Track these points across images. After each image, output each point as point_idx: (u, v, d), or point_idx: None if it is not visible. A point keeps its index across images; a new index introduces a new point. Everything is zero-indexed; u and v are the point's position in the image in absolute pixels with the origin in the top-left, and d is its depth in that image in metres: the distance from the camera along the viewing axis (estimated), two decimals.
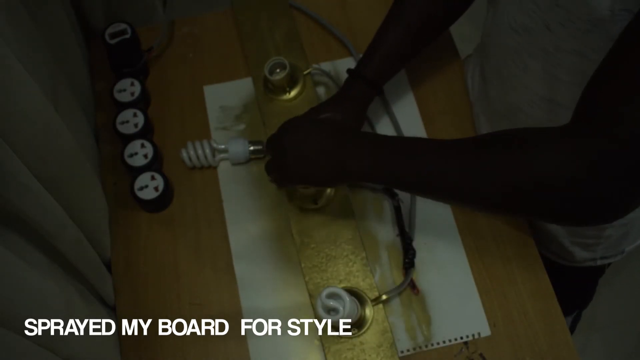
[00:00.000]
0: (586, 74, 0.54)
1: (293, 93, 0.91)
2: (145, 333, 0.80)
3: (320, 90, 0.94)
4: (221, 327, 0.80)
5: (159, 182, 0.84)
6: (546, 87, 0.67)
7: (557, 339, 0.77)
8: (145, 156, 0.85)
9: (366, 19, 0.99)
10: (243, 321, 0.79)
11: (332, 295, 0.67)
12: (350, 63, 0.96)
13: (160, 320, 0.80)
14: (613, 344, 1.52)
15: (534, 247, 0.82)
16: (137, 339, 0.80)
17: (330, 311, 0.67)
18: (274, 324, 0.79)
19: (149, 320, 0.80)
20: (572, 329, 0.92)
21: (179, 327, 0.80)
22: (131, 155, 0.85)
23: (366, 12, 1.00)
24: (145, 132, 0.88)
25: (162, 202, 0.86)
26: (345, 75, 0.83)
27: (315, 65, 0.95)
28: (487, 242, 0.83)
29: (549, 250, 0.90)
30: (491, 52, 0.79)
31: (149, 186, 0.83)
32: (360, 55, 0.96)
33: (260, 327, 0.79)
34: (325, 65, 0.96)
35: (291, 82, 0.91)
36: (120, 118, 0.88)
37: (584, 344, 1.50)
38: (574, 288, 0.80)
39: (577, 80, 0.60)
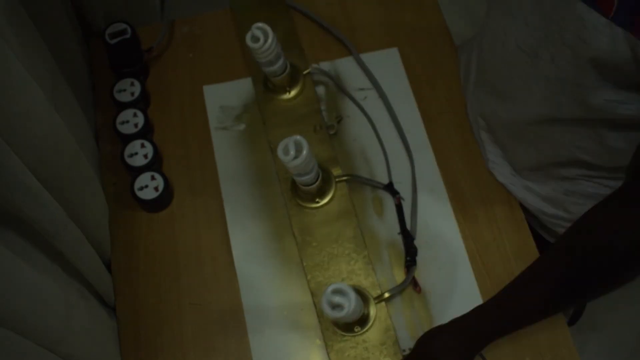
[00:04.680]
0: (587, 100, 0.60)
1: (293, 92, 0.91)
2: (145, 333, 0.80)
3: (320, 89, 0.94)
4: (221, 327, 0.80)
5: (159, 182, 0.84)
6: (547, 108, 0.68)
7: (557, 339, 0.77)
8: (145, 156, 0.85)
9: (365, 17, 0.99)
10: (245, 318, 0.79)
11: (338, 292, 0.67)
12: (350, 62, 0.95)
13: (160, 321, 0.80)
14: (613, 344, 1.52)
15: (534, 246, 0.82)
16: (137, 339, 0.80)
17: (336, 307, 0.67)
18: (276, 322, 0.79)
19: (149, 321, 0.80)
20: (572, 318, 0.90)
21: (179, 327, 0.80)
22: (131, 155, 0.85)
23: (365, 10, 1.00)
24: (145, 132, 0.88)
25: (162, 202, 0.86)
26: (344, 74, 0.83)
27: (314, 65, 0.95)
28: (488, 242, 0.83)
29: (541, 227, 0.90)
30: (489, 65, 0.79)
31: (149, 186, 0.83)
32: (360, 54, 0.95)
33: (262, 326, 0.79)
34: (325, 65, 0.96)
35: (291, 82, 0.91)
36: (120, 118, 0.88)
37: (584, 344, 1.50)
38: None
39: (577, 102, 0.63)
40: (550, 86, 0.65)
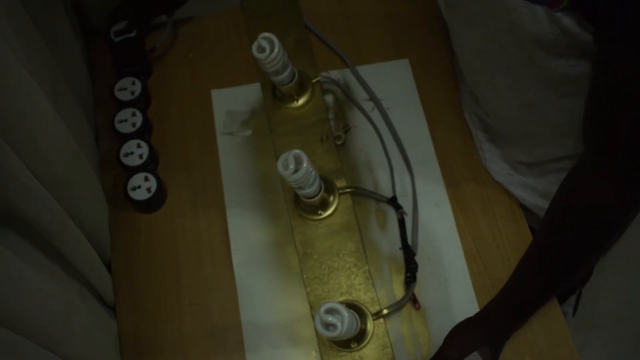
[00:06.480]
0: (553, 78, 0.64)
1: (301, 101, 0.90)
2: (145, 333, 0.80)
3: (329, 98, 0.92)
4: (221, 327, 0.79)
5: (152, 183, 0.83)
6: (518, 95, 0.70)
7: (557, 339, 0.77)
8: (141, 156, 0.85)
9: (369, 27, 0.98)
10: (242, 326, 0.79)
11: (331, 311, 0.66)
12: (359, 71, 0.94)
13: (160, 320, 0.80)
14: (613, 344, 1.52)
15: None
16: (137, 339, 0.80)
17: (329, 327, 0.66)
18: (273, 332, 0.78)
19: (149, 321, 0.80)
20: (574, 309, 0.91)
21: (179, 327, 0.80)
22: (127, 155, 0.85)
23: (369, 20, 0.99)
24: (143, 132, 0.88)
25: (153, 203, 0.85)
26: (353, 83, 0.86)
27: (324, 73, 0.93)
28: (494, 260, 0.81)
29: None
30: (462, 71, 0.81)
31: (141, 187, 0.83)
32: (370, 65, 0.94)
33: (258, 334, 0.78)
34: (334, 74, 0.94)
35: (299, 90, 0.90)
36: (118, 117, 0.87)
37: (583, 344, 1.50)
38: None
39: (545, 85, 0.65)
40: (511, 73, 0.68)
